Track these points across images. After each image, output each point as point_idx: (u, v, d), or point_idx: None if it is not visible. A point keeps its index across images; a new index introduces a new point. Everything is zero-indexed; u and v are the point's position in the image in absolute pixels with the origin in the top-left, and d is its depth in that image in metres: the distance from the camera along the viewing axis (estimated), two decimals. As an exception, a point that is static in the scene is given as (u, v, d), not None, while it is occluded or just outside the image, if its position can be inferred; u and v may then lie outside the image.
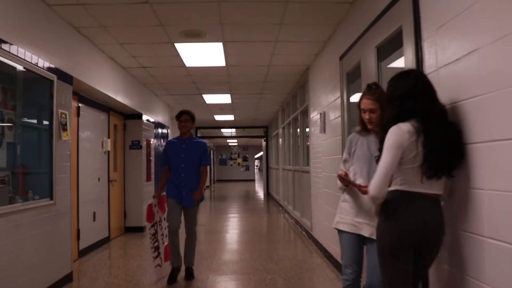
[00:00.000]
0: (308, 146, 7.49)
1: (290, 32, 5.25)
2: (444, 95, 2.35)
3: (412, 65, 2.83)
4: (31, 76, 4.15)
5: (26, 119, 4.31)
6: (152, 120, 9.29)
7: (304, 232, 7.92)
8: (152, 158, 9.12)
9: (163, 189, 5.06)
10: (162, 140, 10.32)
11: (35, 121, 4.54)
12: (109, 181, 7.33)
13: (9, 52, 3.60)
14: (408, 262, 2.23)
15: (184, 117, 4.92)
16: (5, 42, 3.54)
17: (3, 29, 3.51)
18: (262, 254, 6.21)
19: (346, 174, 2.86)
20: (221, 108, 12.15)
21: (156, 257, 4.88)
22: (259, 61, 6.74)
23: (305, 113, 7.85)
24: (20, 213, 3.79)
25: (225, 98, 10.25)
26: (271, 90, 9.23)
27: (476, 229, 2.10)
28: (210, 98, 10.29)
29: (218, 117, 14.31)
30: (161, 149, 9.78)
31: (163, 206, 5.02)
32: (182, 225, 4.96)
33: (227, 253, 6.52)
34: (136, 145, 8.42)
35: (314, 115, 6.64)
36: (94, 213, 6.58)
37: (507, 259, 1.87)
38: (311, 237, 7.13)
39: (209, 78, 7.90)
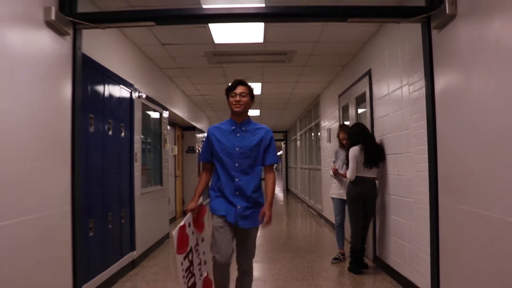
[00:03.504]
0: (319, 150, 10.22)
1: (306, 77, 8.01)
2: (378, 131, 5.12)
3: (369, 113, 5.56)
4: (150, 109, 6.97)
5: (146, 138, 7.14)
6: (199, 128, 12.15)
7: (317, 214, 10.66)
8: (201, 159, 11.95)
9: (200, 197, 3.39)
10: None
11: (151, 138, 7.32)
12: (175, 176, 10.18)
13: (146, 99, 6.39)
14: (360, 207, 4.96)
15: (240, 89, 3.32)
16: (148, 96, 6.35)
17: (144, 86, 6.32)
18: (287, 227, 9.01)
19: (336, 169, 5.62)
20: (251, 119, 14.96)
21: None
22: (284, 91, 9.54)
23: (317, 125, 10.57)
24: (151, 192, 6.61)
25: (255, 112, 13.06)
26: (291, 107, 12.04)
27: (389, 191, 4.84)
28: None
29: (245, 125, 17.10)
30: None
31: (200, 222, 3.43)
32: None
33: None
34: (191, 150, 11.29)
35: (324, 126, 9.35)
36: (169, 199, 9.41)
37: (398, 203, 4.61)
38: (322, 216, 9.86)
39: (246, 100, 10.68)
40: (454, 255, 3.10)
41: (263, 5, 4.19)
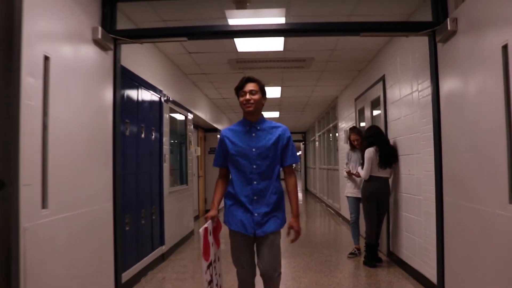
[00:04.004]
0: (337, 150, 10.54)
1: (324, 82, 8.36)
2: (391, 133, 5.45)
3: (383, 116, 5.88)
4: (176, 113, 7.41)
5: (173, 139, 7.58)
6: (221, 129, 12.58)
7: (334, 213, 10.99)
8: (222, 160, 12.40)
9: (219, 206, 3.16)
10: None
11: (177, 140, 7.77)
12: (198, 176, 10.62)
13: (173, 103, 6.83)
14: (374, 205, 5.29)
15: (249, 86, 3.07)
16: (175, 101, 6.79)
17: (171, 91, 6.75)
18: (306, 225, 9.36)
19: (350, 171, 5.96)
20: (270, 120, 15.38)
21: None
22: (303, 94, 9.90)
23: (335, 126, 10.90)
24: (178, 191, 7.04)
25: (275, 114, 13.44)
26: (310, 109, 12.39)
27: (401, 190, 5.17)
28: (264, 114, 13.47)
29: (265, 126, 17.51)
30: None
31: (217, 238, 3.22)
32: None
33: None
34: (213, 150, 11.71)
35: (342, 128, 9.68)
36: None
37: (409, 201, 4.93)
38: (339, 215, 10.19)
39: (266, 103, 11.07)
40: (457, 246, 3.43)
41: (284, 20, 4.57)
